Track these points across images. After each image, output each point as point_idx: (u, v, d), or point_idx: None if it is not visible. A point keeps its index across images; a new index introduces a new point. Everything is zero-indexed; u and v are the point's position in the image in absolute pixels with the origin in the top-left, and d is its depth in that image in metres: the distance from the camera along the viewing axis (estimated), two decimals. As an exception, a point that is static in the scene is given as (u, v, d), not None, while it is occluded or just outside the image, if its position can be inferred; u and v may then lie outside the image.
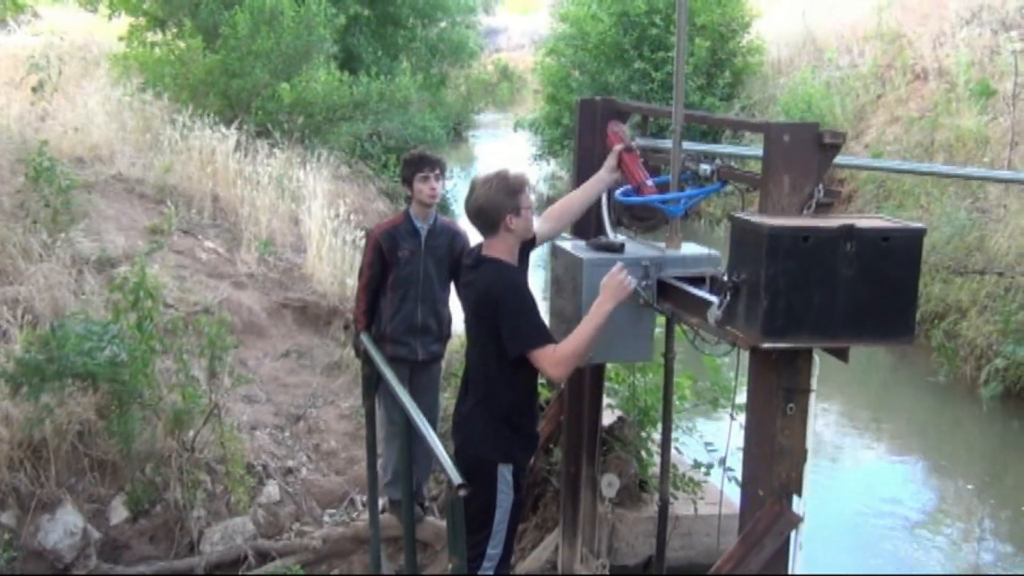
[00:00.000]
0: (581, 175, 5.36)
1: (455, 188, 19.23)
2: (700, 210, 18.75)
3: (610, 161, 4.99)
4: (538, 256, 5.47)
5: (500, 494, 4.63)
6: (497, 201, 4.55)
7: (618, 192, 4.96)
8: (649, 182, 4.91)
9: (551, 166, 26.73)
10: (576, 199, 5.07)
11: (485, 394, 4.69)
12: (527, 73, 40.88)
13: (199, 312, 8.82)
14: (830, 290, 3.51)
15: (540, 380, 5.06)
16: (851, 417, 10.82)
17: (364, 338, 6.24)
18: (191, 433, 6.96)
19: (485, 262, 4.63)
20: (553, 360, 4.41)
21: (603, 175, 5.01)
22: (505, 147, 30.97)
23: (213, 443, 7.08)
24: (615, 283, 4.43)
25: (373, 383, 6.05)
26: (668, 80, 21.50)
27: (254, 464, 7.28)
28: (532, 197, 4.76)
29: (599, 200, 5.10)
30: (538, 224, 4.88)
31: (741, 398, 4.20)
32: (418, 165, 6.29)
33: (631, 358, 5.58)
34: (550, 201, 15.61)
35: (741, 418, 4.09)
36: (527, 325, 4.46)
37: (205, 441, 7.06)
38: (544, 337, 4.45)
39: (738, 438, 4.11)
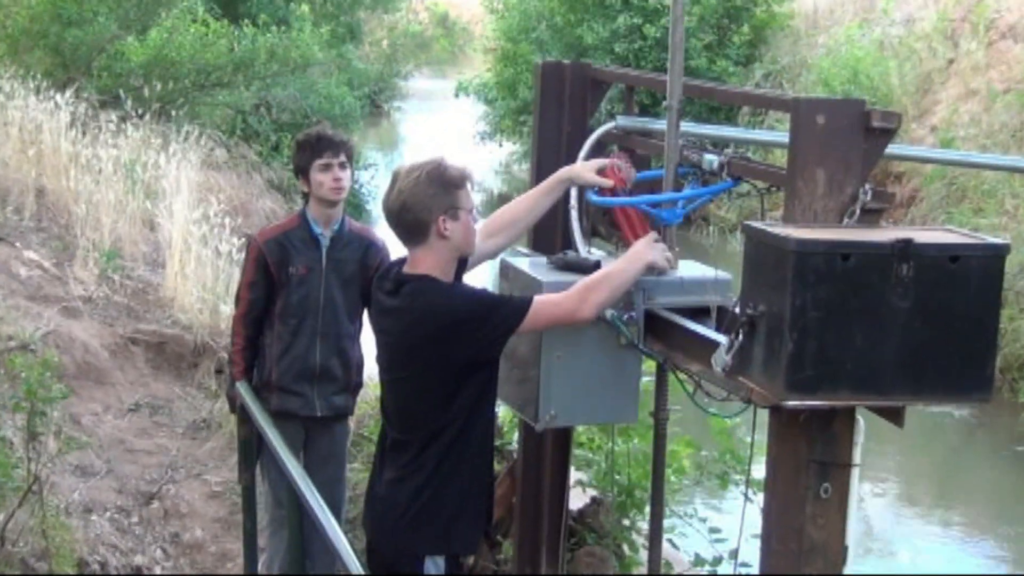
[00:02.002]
0: (542, 162, 5.36)
1: (373, 181, 19.23)
2: (707, 215, 18.87)
3: (591, 176, 4.84)
4: (482, 277, 5.45)
5: (425, 600, 4.61)
6: (426, 198, 4.49)
7: (591, 192, 4.92)
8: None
9: (505, 148, 26.80)
10: (524, 204, 5.01)
11: (419, 462, 4.61)
12: (474, 24, 41.05)
13: (15, 349, 8.74)
14: (879, 328, 3.51)
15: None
16: (909, 500, 10.89)
17: (242, 387, 6.19)
18: (1, 517, 6.89)
19: (410, 282, 4.56)
20: (567, 296, 4.45)
21: (572, 176, 4.92)
22: (443, 123, 31.04)
23: (32, 531, 7.00)
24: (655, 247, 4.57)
25: (253, 449, 6.00)
26: (664, 37, 21.59)
27: (88, 560, 7.21)
28: (476, 196, 4.73)
29: (567, 203, 5.05)
30: (477, 239, 4.82)
31: (759, 473, 4.19)
32: (316, 149, 6.24)
33: (610, 419, 5.54)
34: (502, 200, 15.61)
35: (759, 500, 4.09)
36: (506, 308, 4.47)
37: (21, 528, 6.98)
38: (527, 299, 4.48)
39: (755, 526, 4.11)
